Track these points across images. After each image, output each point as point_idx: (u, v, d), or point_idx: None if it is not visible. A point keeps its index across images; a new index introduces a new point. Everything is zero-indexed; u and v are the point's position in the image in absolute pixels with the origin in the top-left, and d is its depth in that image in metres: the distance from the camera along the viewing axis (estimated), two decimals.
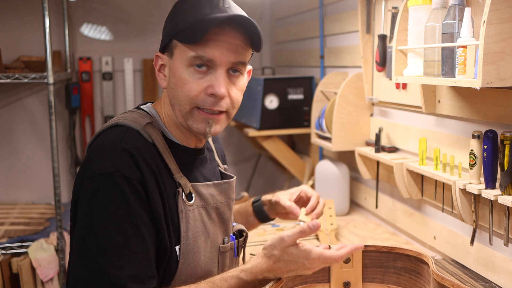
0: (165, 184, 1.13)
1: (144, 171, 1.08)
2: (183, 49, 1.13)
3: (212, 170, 1.29)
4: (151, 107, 1.23)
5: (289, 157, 2.95)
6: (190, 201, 1.17)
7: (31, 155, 3.39)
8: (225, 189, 1.27)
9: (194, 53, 1.12)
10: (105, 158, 1.07)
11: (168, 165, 1.15)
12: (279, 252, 1.14)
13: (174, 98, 1.16)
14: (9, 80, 2.66)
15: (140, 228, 1.06)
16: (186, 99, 1.14)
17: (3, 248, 2.59)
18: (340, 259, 1.15)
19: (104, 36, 3.49)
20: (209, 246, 1.21)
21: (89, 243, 1.04)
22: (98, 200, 1.05)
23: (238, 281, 1.13)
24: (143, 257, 1.05)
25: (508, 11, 1.26)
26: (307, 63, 3.06)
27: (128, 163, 1.07)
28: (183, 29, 1.12)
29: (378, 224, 2.26)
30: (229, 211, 1.28)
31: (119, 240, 1.04)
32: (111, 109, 3.48)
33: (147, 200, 1.08)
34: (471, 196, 1.54)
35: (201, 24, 1.10)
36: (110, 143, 1.10)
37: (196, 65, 1.13)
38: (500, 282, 1.51)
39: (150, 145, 1.13)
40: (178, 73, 1.14)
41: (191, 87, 1.13)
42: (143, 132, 1.13)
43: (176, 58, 1.15)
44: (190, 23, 1.11)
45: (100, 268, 1.02)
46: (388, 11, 2.04)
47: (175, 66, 1.14)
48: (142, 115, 1.19)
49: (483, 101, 1.54)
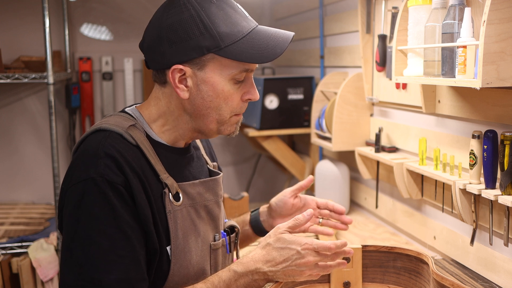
0: (151, 185, 1.12)
1: (128, 174, 1.08)
2: (225, 63, 1.14)
3: (200, 168, 1.29)
4: (135, 110, 1.23)
5: (289, 157, 2.95)
6: (178, 201, 1.17)
7: (31, 155, 3.39)
8: (212, 186, 1.27)
9: (241, 68, 1.14)
10: (88, 164, 1.08)
11: (153, 166, 1.15)
12: (272, 239, 1.16)
13: (210, 109, 1.17)
14: (9, 80, 2.66)
15: (126, 232, 1.06)
16: (229, 110, 1.18)
17: (3, 248, 2.60)
18: (334, 246, 1.14)
19: (104, 36, 3.49)
20: (200, 245, 1.21)
21: (76, 250, 1.05)
22: (83, 206, 1.06)
23: (229, 273, 1.14)
24: (130, 260, 1.06)
25: (508, 11, 1.26)
26: (307, 63, 3.06)
27: (111, 168, 1.07)
28: (229, 45, 1.12)
29: (378, 224, 2.26)
30: (218, 208, 1.28)
31: (105, 244, 1.04)
32: (111, 109, 3.48)
33: (132, 203, 1.08)
34: (471, 196, 1.54)
35: (269, 47, 1.13)
36: (92, 148, 1.10)
37: (237, 78, 1.16)
38: (500, 282, 1.51)
39: (134, 147, 1.13)
40: (219, 86, 1.15)
41: (234, 99, 1.17)
42: (126, 134, 1.13)
43: (211, 72, 1.14)
44: (234, 39, 1.12)
45: (88, 274, 1.03)
46: (388, 11, 2.04)
47: (213, 79, 1.14)
48: (125, 118, 1.18)
49: (483, 101, 1.54)
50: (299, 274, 1.15)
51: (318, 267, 1.16)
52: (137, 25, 3.49)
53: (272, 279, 1.15)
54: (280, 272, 1.14)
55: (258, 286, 1.15)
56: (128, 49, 3.50)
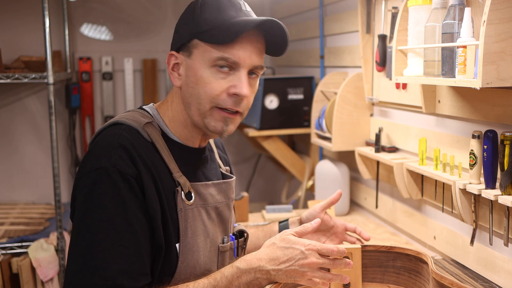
0: (162, 182, 1.13)
1: (140, 167, 1.09)
2: (206, 49, 1.14)
3: (213, 170, 1.30)
4: (153, 108, 1.24)
5: (289, 157, 2.95)
6: (190, 200, 1.17)
7: (31, 155, 3.39)
8: (225, 189, 1.27)
9: (219, 54, 1.13)
10: (101, 154, 1.09)
11: (167, 164, 1.16)
12: (277, 240, 1.17)
13: (192, 96, 1.17)
14: (9, 80, 2.66)
15: (133, 224, 1.06)
16: (208, 98, 1.15)
17: (3, 248, 2.60)
18: (336, 250, 1.15)
19: (104, 36, 3.49)
20: (209, 245, 1.21)
21: (83, 237, 1.05)
22: (93, 194, 1.06)
23: (232, 269, 1.14)
24: (134, 252, 1.06)
25: (508, 11, 1.26)
26: (307, 63, 3.06)
27: (123, 159, 1.08)
28: (208, 29, 1.13)
29: (378, 224, 2.26)
30: (229, 211, 1.28)
31: (111, 234, 1.04)
32: (111, 109, 3.48)
33: (142, 196, 1.09)
34: (471, 196, 1.54)
35: (235, 26, 1.12)
36: (107, 139, 1.11)
37: (219, 66, 1.14)
38: (500, 282, 1.51)
39: (149, 143, 1.14)
40: (199, 72, 1.15)
41: (213, 87, 1.15)
42: (142, 131, 1.14)
43: (196, 58, 1.15)
44: (216, 24, 1.13)
45: (92, 262, 1.03)
46: (388, 11, 2.04)
47: (195, 65, 1.15)
48: (142, 114, 1.20)
49: (483, 101, 1.54)
50: (301, 275, 1.15)
51: (319, 271, 1.16)
52: (137, 25, 3.49)
53: (274, 278, 1.15)
54: (282, 271, 1.14)
55: (259, 285, 1.14)
56: (128, 49, 3.50)
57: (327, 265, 1.16)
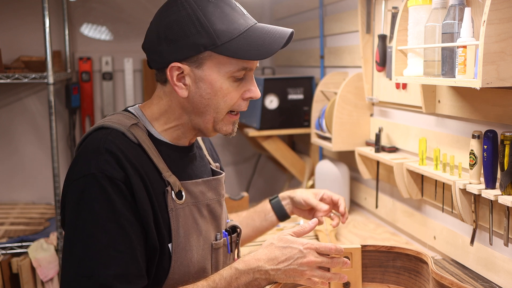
0: (152, 183, 1.13)
1: (128, 170, 1.09)
2: (221, 61, 1.14)
3: (202, 167, 1.30)
4: (138, 109, 1.24)
5: (289, 157, 2.95)
6: (180, 199, 1.18)
7: (31, 155, 3.39)
8: (215, 186, 1.28)
9: (240, 65, 1.15)
10: (89, 160, 1.09)
11: (155, 164, 1.15)
12: (275, 240, 1.18)
13: (208, 107, 1.17)
14: (9, 80, 2.66)
15: (126, 228, 1.07)
16: (227, 108, 1.18)
17: (3, 248, 2.60)
18: (334, 248, 1.16)
19: (104, 36, 3.49)
20: (202, 243, 1.21)
21: (76, 245, 1.05)
22: (83, 201, 1.07)
23: (231, 270, 1.14)
24: (129, 256, 1.06)
25: (508, 11, 1.26)
26: (307, 63, 3.06)
27: (111, 164, 1.08)
28: (225, 43, 1.12)
29: (378, 224, 2.26)
30: (220, 207, 1.29)
31: (104, 240, 1.05)
32: (111, 109, 3.48)
33: (132, 199, 1.09)
34: (471, 196, 1.54)
35: (264, 44, 1.13)
36: (93, 145, 1.11)
37: (236, 76, 1.16)
38: (500, 282, 1.51)
39: (136, 145, 1.14)
40: (217, 84, 1.15)
41: (232, 96, 1.17)
42: (128, 133, 1.14)
43: (209, 69, 1.15)
44: (232, 36, 1.13)
45: (87, 269, 1.03)
46: (388, 11, 2.04)
47: (211, 77, 1.15)
48: (127, 116, 1.19)
49: (483, 101, 1.54)
50: (300, 274, 1.15)
51: (318, 270, 1.16)
52: (137, 25, 3.49)
53: (273, 278, 1.15)
54: (281, 271, 1.14)
55: (259, 285, 1.14)
56: (128, 49, 3.50)
57: (326, 264, 1.17)
